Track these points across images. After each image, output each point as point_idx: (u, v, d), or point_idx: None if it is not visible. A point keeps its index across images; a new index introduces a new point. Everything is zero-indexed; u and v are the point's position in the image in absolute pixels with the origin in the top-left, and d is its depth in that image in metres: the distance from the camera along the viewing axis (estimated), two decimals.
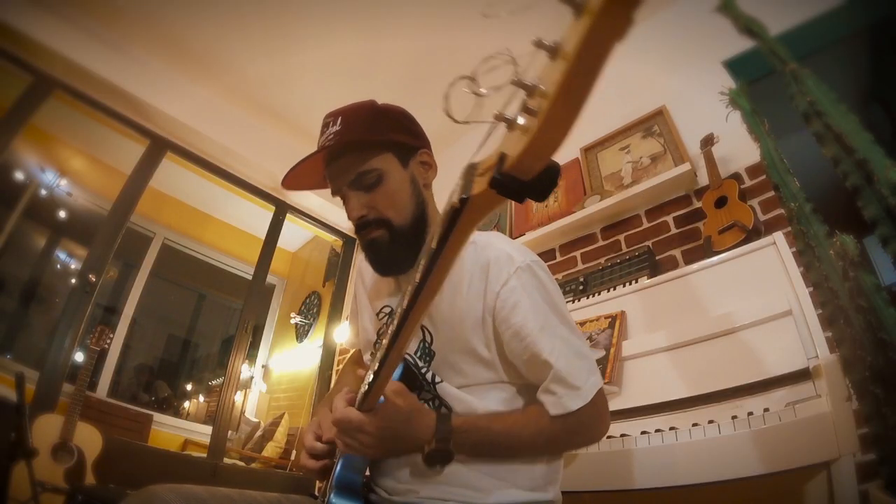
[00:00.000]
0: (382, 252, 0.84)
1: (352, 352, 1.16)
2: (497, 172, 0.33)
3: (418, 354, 0.83)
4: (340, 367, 3.13)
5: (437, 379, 0.80)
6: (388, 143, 0.85)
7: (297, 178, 0.88)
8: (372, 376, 0.62)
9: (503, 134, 0.35)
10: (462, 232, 0.42)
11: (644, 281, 1.63)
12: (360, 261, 1.02)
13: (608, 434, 1.19)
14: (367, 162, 0.83)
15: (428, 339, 0.82)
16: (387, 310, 0.93)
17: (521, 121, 0.32)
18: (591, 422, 0.78)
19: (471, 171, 0.40)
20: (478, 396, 0.79)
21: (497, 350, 0.79)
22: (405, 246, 0.84)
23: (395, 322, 0.53)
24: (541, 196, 0.34)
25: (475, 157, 0.42)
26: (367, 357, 1.01)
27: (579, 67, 0.26)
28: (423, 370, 0.81)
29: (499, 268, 0.78)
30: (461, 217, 0.40)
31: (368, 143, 0.84)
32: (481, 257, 0.80)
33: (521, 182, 0.33)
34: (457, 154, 0.97)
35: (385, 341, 0.57)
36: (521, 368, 0.78)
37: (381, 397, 0.68)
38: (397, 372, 0.74)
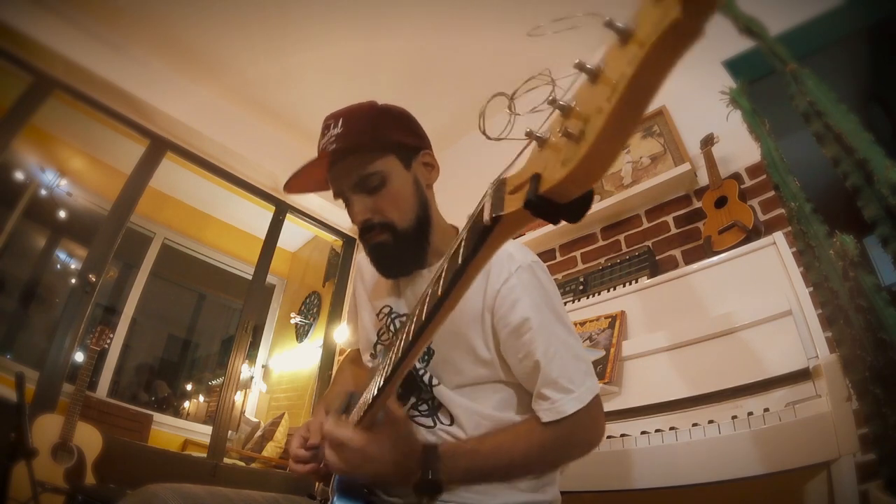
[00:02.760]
0: (387, 256, 0.84)
1: (348, 351, 1.16)
2: (532, 195, 0.32)
3: None
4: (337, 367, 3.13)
5: (434, 381, 0.80)
6: (389, 145, 0.84)
7: (300, 182, 0.86)
8: (377, 390, 0.61)
9: (532, 150, 0.35)
10: (490, 249, 0.41)
11: (644, 281, 1.63)
12: (359, 259, 1.02)
13: (608, 434, 1.20)
14: (370, 165, 0.81)
15: None
16: (386, 310, 0.92)
17: (555, 141, 0.31)
18: (586, 428, 0.76)
19: (500, 188, 0.39)
20: (475, 399, 0.79)
21: (495, 348, 0.79)
22: (409, 248, 0.83)
23: (409, 337, 0.52)
24: (575, 218, 0.34)
25: (506, 172, 0.41)
26: (366, 357, 1.00)
27: (630, 97, 0.25)
28: (421, 371, 0.81)
29: (500, 266, 0.78)
30: (491, 235, 0.39)
31: (370, 145, 0.82)
32: None
33: (557, 205, 0.32)
34: (456, 154, 0.97)
35: (394, 356, 0.56)
36: (515, 370, 0.78)
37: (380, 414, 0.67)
38: None
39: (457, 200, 1.15)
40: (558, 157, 0.31)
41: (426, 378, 0.80)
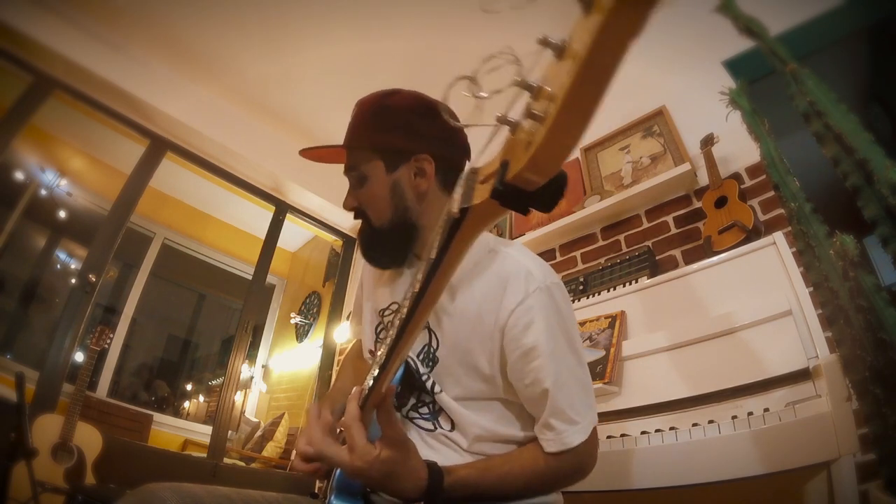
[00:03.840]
0: (364, 242, 0.90)
1: (351, 346, 1.16)
2: (499, 183, 0.30)
3: (421, 358, 0.82)
4: (340, 363, 3.13)
5: (437, 388, 0.79)
6: (375, 148, 0.85)
7: (318, 152, 0.93)
8: (372, 382, 0.62)
9: (506, 137, 0.33)
10: (462, 242, 0.39)
11: (644, 281, 1.63)
12: None
13: (608, 434, 1.20)
14: (355, 163, 0.87)
15: (434, 344, 0.81)
16: (394, 307, 0.92)
17: (525, 125, 0.29)
18: (586, 459, 0.77)
19: (472, 178, 0.38)
20: (475, 411, 0.78)
21: (499, 367, 0.77)
22: (384, 244, 0.87)
23: (395, 331, 0.51)
24: (546, 207, 0.32)
25: (476, 161, 0.39)
26: (367, 354, 1.00)
27: (590, 69, 0.24)
28: (424, 377, 0.80)
29: (517, 284, 0.76)
30: (461, 227, 0.38)
31: (358, 145, 0.87)
32: (501, 270, 0.79)
33: (526, 193, 0.31)
34: None
35: (384, 348, 0.56)
36: (521, 393, 0.77)
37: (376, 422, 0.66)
38: (398, 374, 0.73)
39: None
40: (525, 141, 0.29)
41: (429, 385, 0.80)
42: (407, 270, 0.91)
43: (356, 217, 0.90)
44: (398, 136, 0.85)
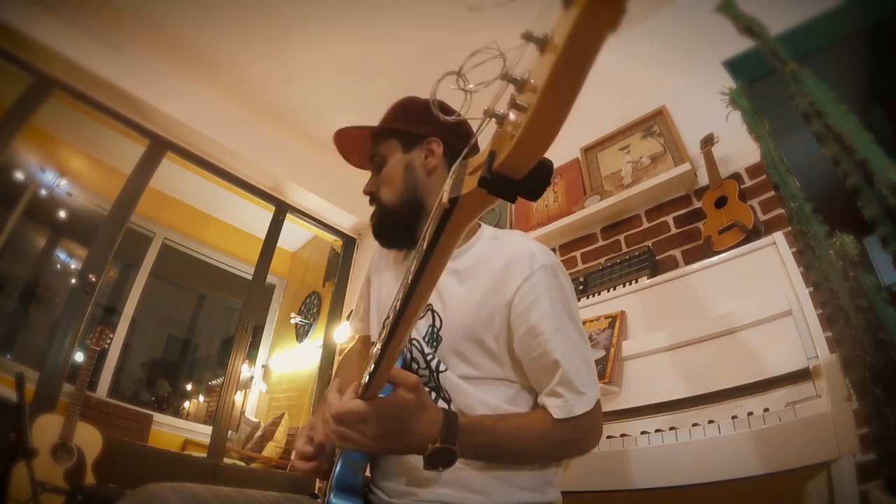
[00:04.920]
0: (375, 226, 0.95)
1: (351, 344, 1.16)
2: (486, 172, 0.32)
3: (426, 339, 0.83)
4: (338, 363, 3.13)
5: (442, 367, 0.81)
6: (393, 131, 0.95)
7: (348, 143, 1.00)
8: (370, 372, 0.62)
9: (494, 129, 0.34)
10: (453, 232, 0.41)
11: (644, 281, 1.63)
12: (376, 245, 1.04)
13: (608, 434, 1.20)
14: (376, 147, 0.96)
15: (437, 324, 0.83)
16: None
17: (511, 117, 0.31)
18: (589, 430, 0.79)
19: (461, 170, 0.39)
20: (481, 389, 0.80)
21: (506, 344, 0.79)
22: (395, 225, 0.92)
23: (391, 318, 0.53)
24: (533, 195, 0.33)
25: (469, 154, 0.41)
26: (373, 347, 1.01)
27: (568, 60, 0.25)
28: (430, 357, 0.82)
29: (522, 263, 0.80)
30: (451, 217, 0.39)
31: (382, 131, 0.96)
32: (504, 252, 0.83)
33: (512, 181, 0.32)
34: None
35: (384, 334, 0.57)
36: (527, 367, 0.79)
37: (388, 386, 0.66)
38: (398, 364, 0.74)
39: None
40: (511, 132, 0.30)
41: (434, 363, 0.81)
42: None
43: (371, 202, 0.96)
44: (415, 121, 0.94)
